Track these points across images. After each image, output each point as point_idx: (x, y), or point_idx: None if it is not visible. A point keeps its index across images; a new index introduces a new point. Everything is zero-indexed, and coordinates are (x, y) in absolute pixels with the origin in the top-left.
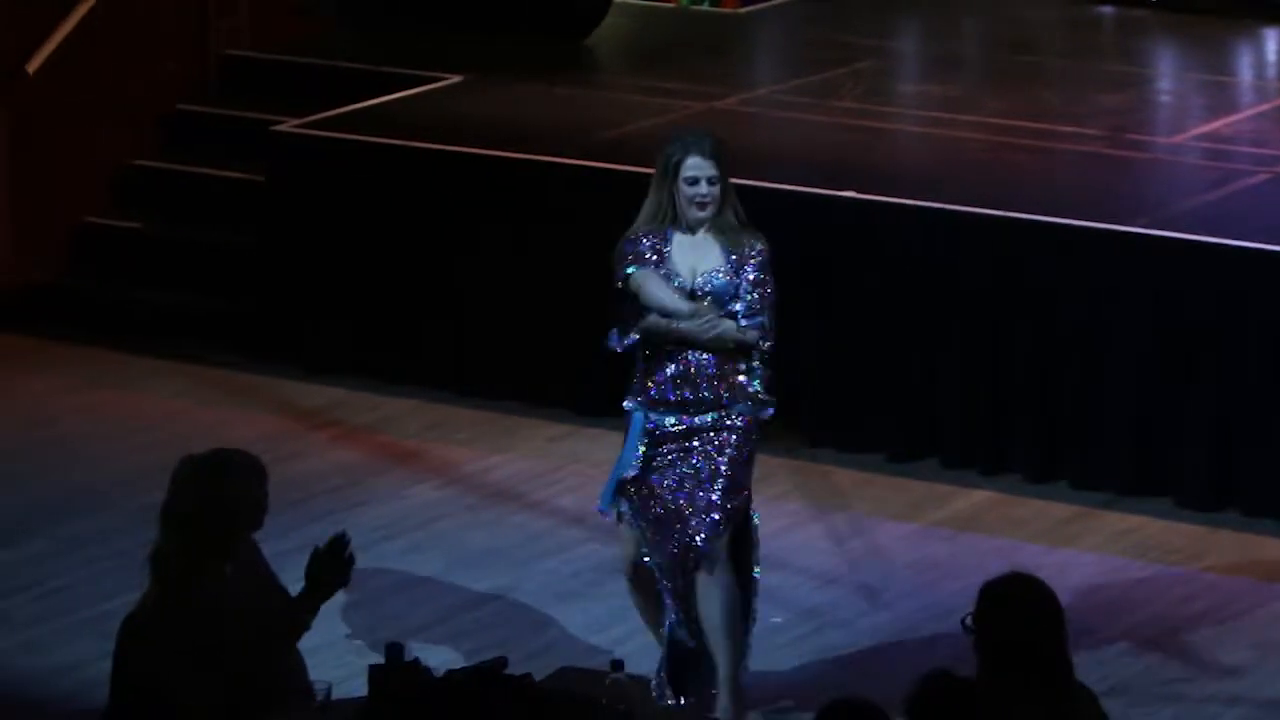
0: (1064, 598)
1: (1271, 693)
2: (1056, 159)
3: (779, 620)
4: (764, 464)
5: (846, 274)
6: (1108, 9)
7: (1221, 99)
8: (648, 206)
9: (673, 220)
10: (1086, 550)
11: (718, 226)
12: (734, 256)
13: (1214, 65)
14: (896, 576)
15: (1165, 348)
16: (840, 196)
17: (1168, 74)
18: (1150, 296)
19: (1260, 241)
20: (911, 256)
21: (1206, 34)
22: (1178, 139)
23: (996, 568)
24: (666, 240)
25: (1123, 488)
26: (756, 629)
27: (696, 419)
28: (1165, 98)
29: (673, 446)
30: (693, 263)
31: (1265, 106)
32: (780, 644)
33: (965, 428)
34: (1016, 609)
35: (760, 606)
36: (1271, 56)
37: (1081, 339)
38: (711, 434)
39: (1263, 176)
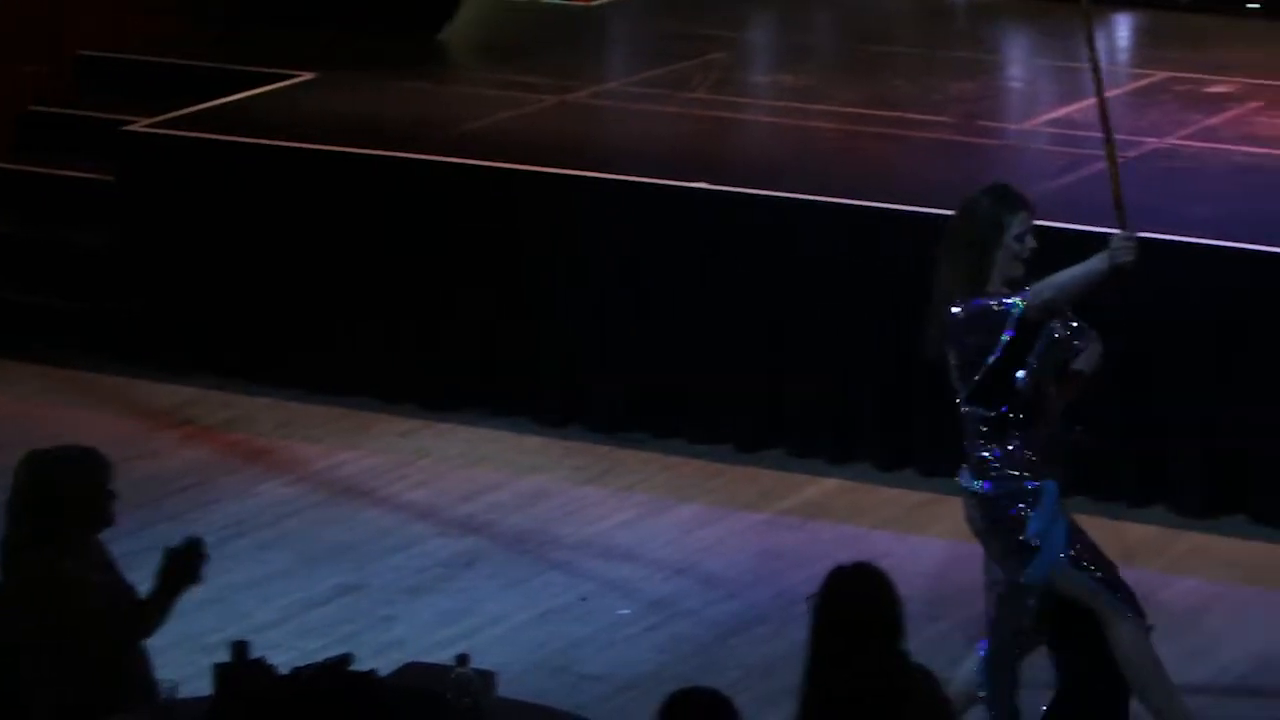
0: (913, 584)
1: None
2: (908, 147)
3: (627, 612)
4: (609, 456)
5: (697, 265)
6: None
7: (1072, 85)
8: (958, 280)
9: (984, 285)
10: (935, 537)
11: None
12: None
13: (1064, 51)
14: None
15: None
16: (692, 188)
17: (1018, 61)
18: None
19: (1111, 226)
20: (762, 246)
21: (1057, 20)
22: (1028, 125)
23: (845, 556)
24: None
25: None
26: (604, 621)
27: None
28: (1016, 84)
29: None
30: None
31: (1116, 91)
32: (628, 635)
33: (813, 416)
34: (853, 596)
35: (608, 598)
36: (1122, 42)
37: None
38: None
39: None
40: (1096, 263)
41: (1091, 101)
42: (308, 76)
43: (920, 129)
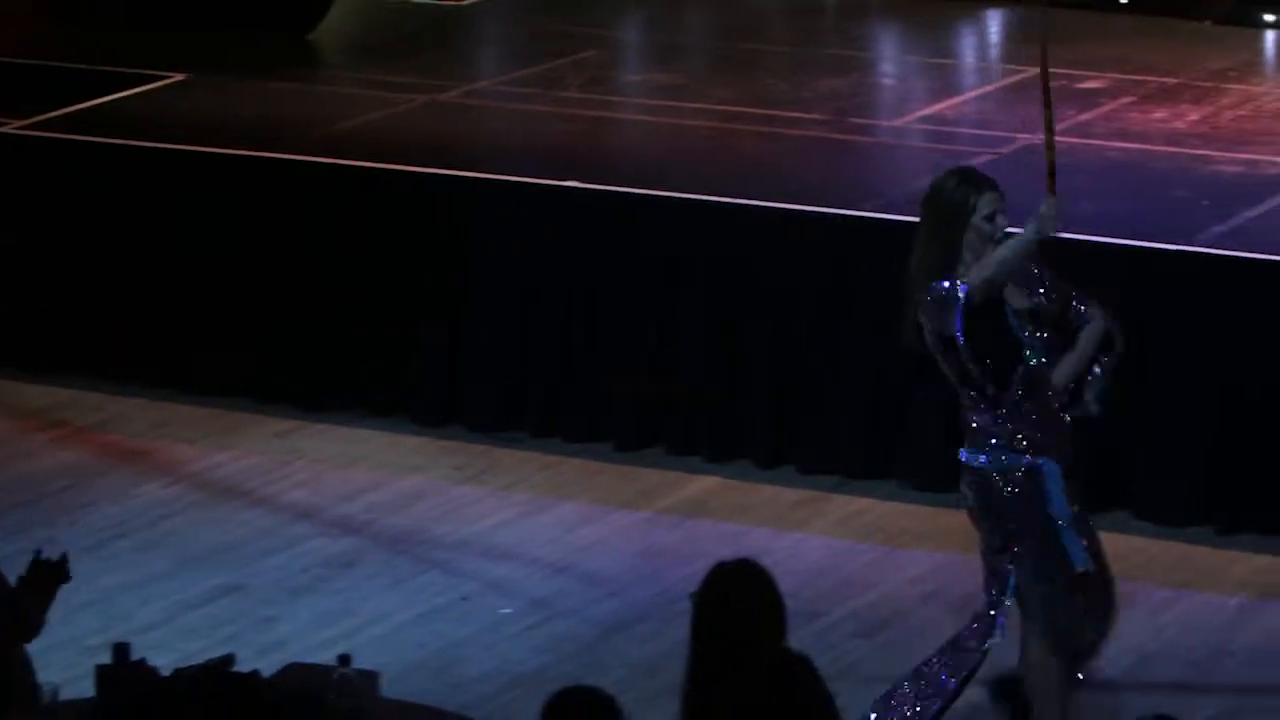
0: (793, 581)
1: (1001, 671)
2: (781, 145)
3: (508, 611)
4: (488, 455)
5: (571, 265)
6: None
7: (944, 81)
8: (928, 260)
9: (953, 269)
10: (815, 534)
11: None
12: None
13: (937, 48)
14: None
15: (892, 330)
16: (564, 186)
17: (890, 57)
18: (877, 280)
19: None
20: (637, 244)
21: (929, 17)
22: (901, 122)
23: (725, 553)
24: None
25: (851, 471)
26: (485, 621)
27: None
28: (888, 81)
29: None
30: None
31: (989, 88)
32: (510, 635)
33: (693, 415)
34: (735, 592)
35: (489, 597)
36: (994, 38)
37: (809, 323)
38: None
39: (986, 157)
40: (1027, 232)
41: (963, 97)
42: (179, 78)
43: (792, 126)
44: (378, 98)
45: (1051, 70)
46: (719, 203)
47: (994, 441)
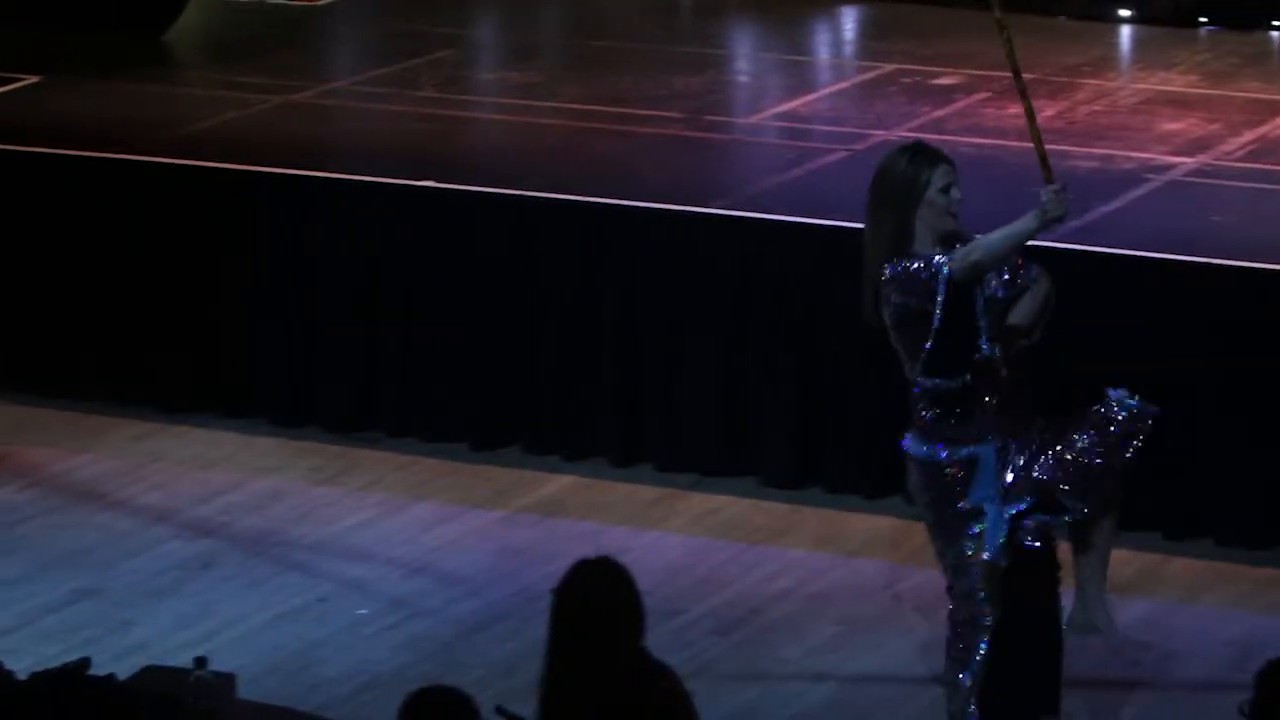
0: (650, 579)
1: (857, 668)
2: (636, 143)
3: (365, 612)
4: (344, 456)
5: (427, 263)
6: None
7: (799, 78)
8: (882, 237)
9: (907, 246)
10: (672, 532)
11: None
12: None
13: (791, 45)
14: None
15: (747, 328)
16: (419, 186)
17: (745, 55)
18: (731, 277)
19: (839, 219)
20: (492, 244)
21: (784, 14)
22: (755, 119)
23: (583, 552)
24: None
25: (707, 469)
26: (343, 622)
27: None
28: (743, 79)
29: None
30: None
31: (843, 85)
32: (367, 635)
33: (549, 414)
34: (594, 590)
35: (346, 598)
36: (848, 35)
37: (664, 322)
38: None
39: (840, 154)
40: (1028, 221)
41: (818, 94)
42: (33, 79)
43: (648, 125)
44: (232, 98)
45: (907, 67)
46: (572, 201)
47: (935, 432)
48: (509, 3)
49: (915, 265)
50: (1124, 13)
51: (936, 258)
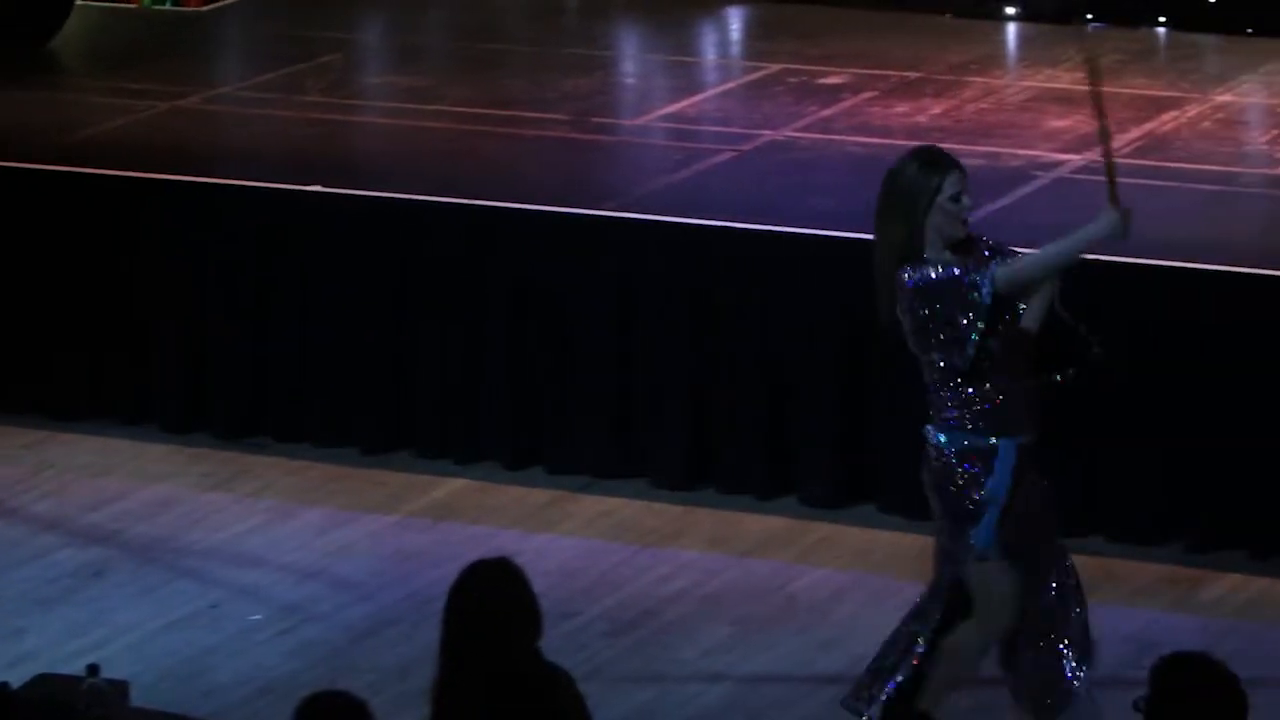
0: (543, 582)
1: (752, 668)
2: (523, 145)
3: (258, 618)
4: (235, 462)
5: (316, 267)
6: None
7: (685, 79)
8: (896, 243)
9: (918, 253)
10: (564, 534)
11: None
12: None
13: (678, 46)
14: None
15: (637, 329)
16: (306, 191)
17: (632, 56)
18: (620, 278)
19: (727, 220)
20: (381, 248)
21: (670, 15)
22: (643, 121)
23: (475, 555)
24: None
25: (599, 471)
26: (235, 628)
27: None
28: (630, 80)
29: None
30: None
31: (730, 85)
32: (260, 641)
33: (439, 418)
34: (487, 591)
35: (239, 604)
36: (735, 35)
37: (554, 324)
38: None
39: (727, 155)
40: (1083, 238)
41: (705, 95)
42: None
43: (535, 127)
44: (119, 105)
45: (793, 66)
46: (459, 204)
47: (955, 423)
48: (394, 6)
49: (946, 274)
50: (1010, 10)
51: (974, 274)
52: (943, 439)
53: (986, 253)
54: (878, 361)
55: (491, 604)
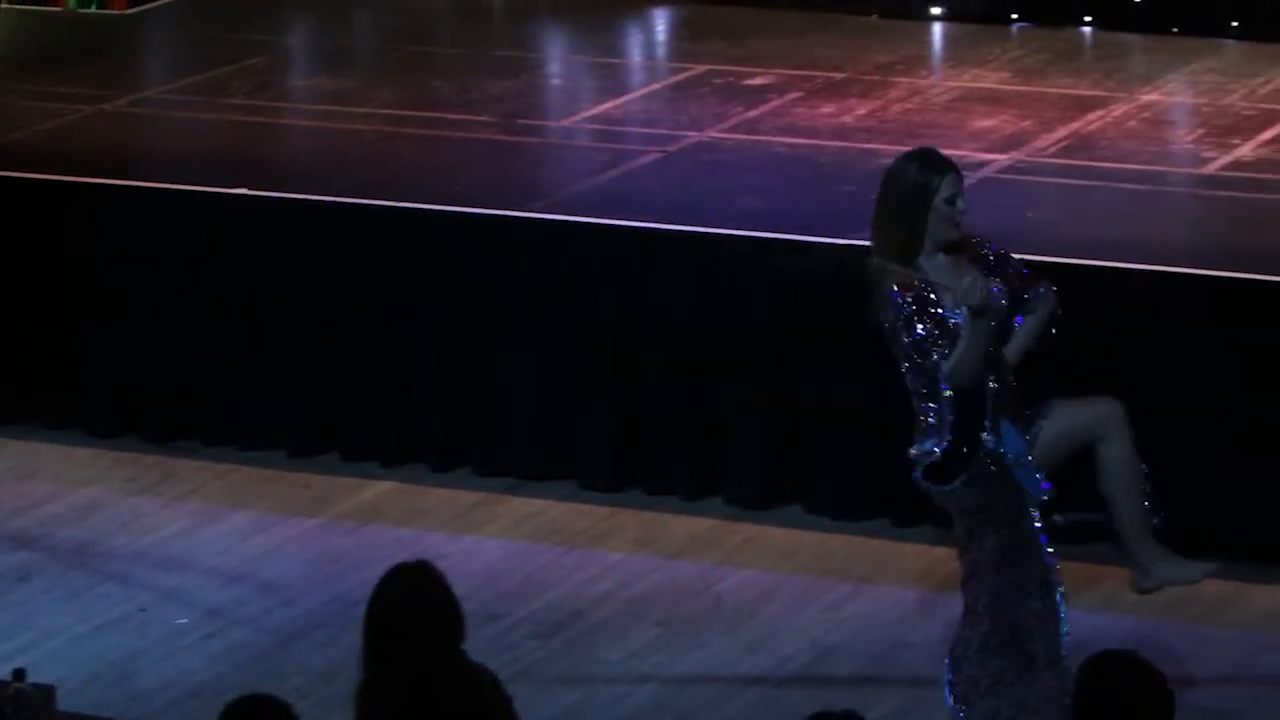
0: (469, 584)
1: (679, 670)
2: (449, 147)
3: (184, 621)
4: (161, 466)
5: (240, 271)
6: None
7: (611, 80)
8: (893, 243)
9: (918, 252)
10: (491, 536)
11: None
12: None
13: (603, 47)
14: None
15: (563, 330)
16: (232, 194)
17: (557, 58)
18: (547, 279)
19: (654, 221)
20: (307, 250)
21: (596, 16)
22: (569, 122)
23: (401, 558)
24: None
25: (525, 472)
26: (162, 632)
27: None
28: (556, 82)
29: None
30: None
31: (655, 86)
32: (185, 645)
33: (365, 420)
34: (410, 595)
35: (165, 608)
36: (660, 36)
37: (480, 325)
38: None
39: (653, 156)
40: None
41: (631, 96)
42: None
43: (461, 129)
44: (44, 108)
45: (719, 67)
46: (385, 206)
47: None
48: (320, 9)
49: (920, 332)
50: (935, 10)
51: (940, 363)
52: (936, 446)
53: (992, 259)
54: (804, 362)
55: (412, 607)
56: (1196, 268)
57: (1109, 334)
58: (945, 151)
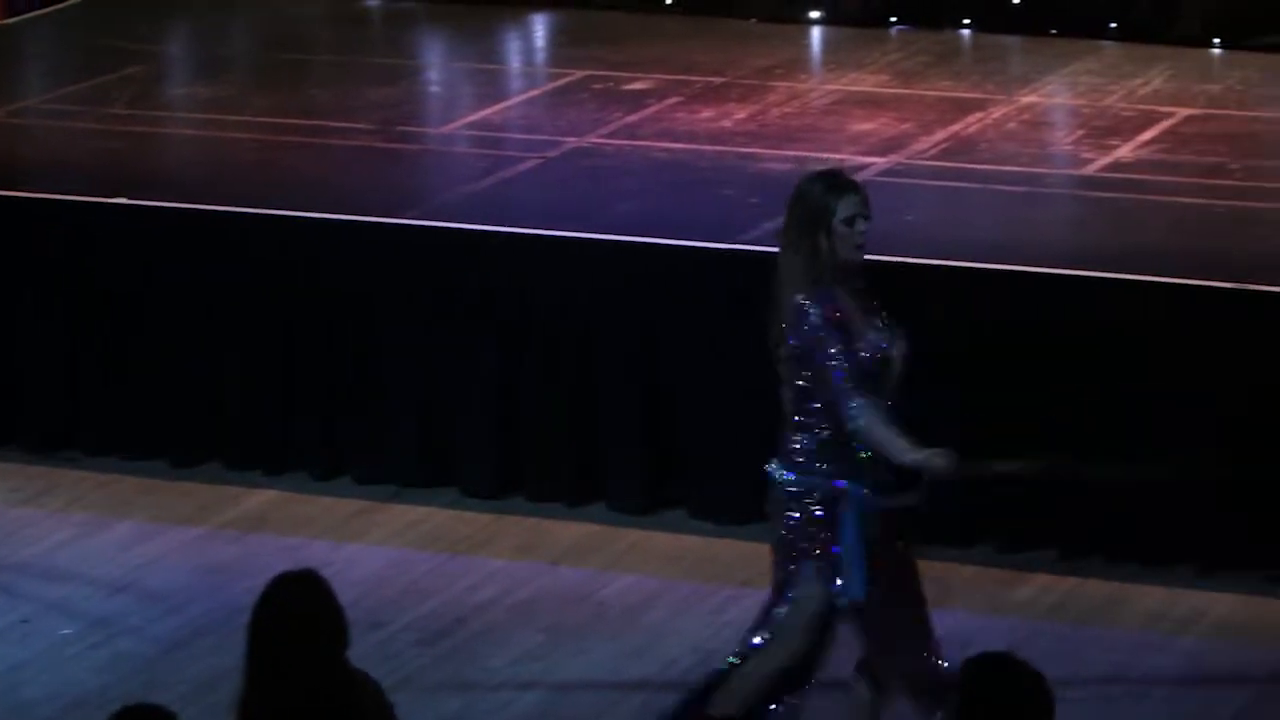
0: (353, 592)
1: (564, 676)
2: (329, 155)
3: (69, 632)
4: (45, 476)
5: (120, 280)
6: (374, 2)
7: (490, 87)
8: (798, 267)
9: (826, 276)
10: (374, 544)
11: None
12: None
13: (483, 53)
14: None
15: (444, 337)
16: (112, 203)
17: (437, 65)
18: (427, 287)
19: (532, 227)
20: (188, 259)
21: (475, 22)
22: (448, 129)
23: (285, 566)
24: (835, 298)
25: (408, 480)
26: (46, 642)
27: None
28: (435, 88)
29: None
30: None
31: (535, 92)
32: (70, 655)
33: (248, 429)
34: (293, 604)
35: (49, 619)
36: (540, 42)
37: (362, 332)
38: None
39: (533, 162)
40: (911, 456)
41: (511, 102)
42: None
43: (340, 136)
44: None
45: (598, 73)
46: (265, 214)
47: (804, 462)
48: (199, 18)
49: (828, 364)
50: (814, 14)
51: (852, 407)
52: (789, 475)
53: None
54: (686, 368)
55: (296, 616)
56: (1077, 269)
57: (989, 336)
58: (825, 156)
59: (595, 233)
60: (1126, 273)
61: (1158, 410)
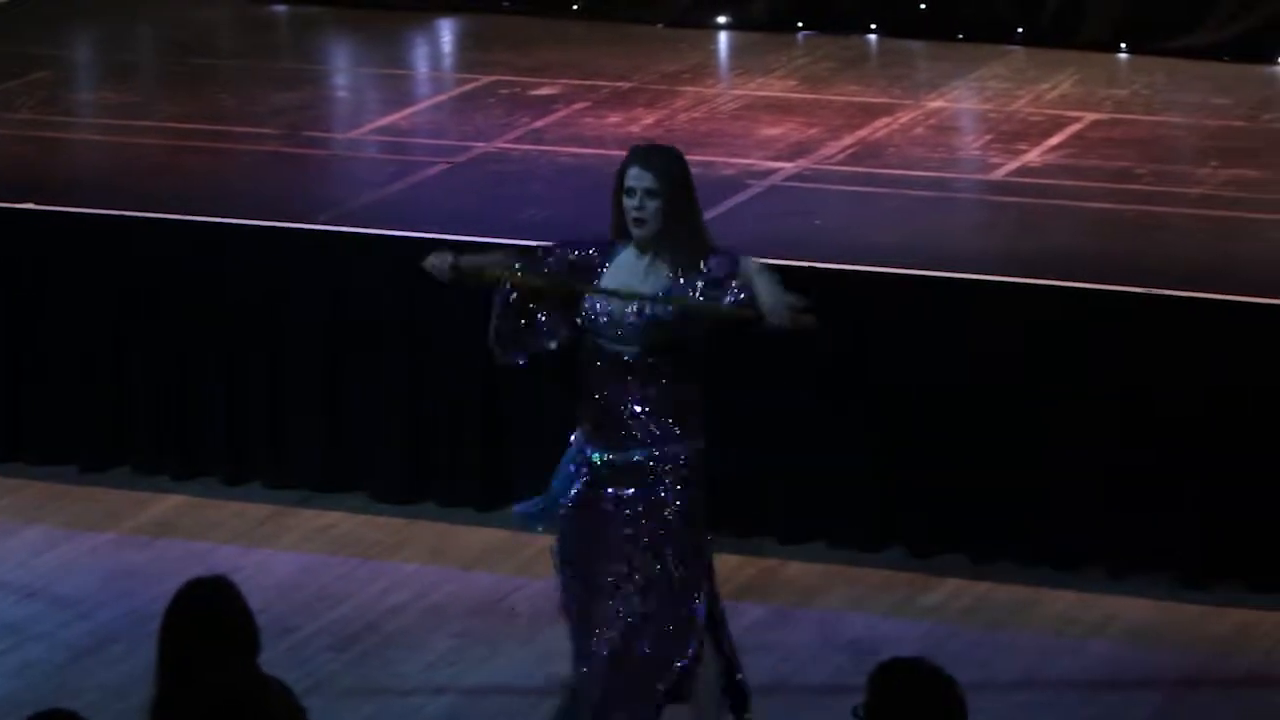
0: (264, 597)
1: (475, 680)
2: (235, 160)
3: None
4: None
5: (28, 287)
6: (281, 8)
7: (397, 92)
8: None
9: (624, 235)
10: (284, 549)
11: (669, 248)
12: (683, 280)
13: (389, 59)
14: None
15: (351, 342)
16: (18, 208)
17: (344, 70)
18: (333, 292)
19: (439, 232)
20: (94, 264)
21: (381, 27)
22: (355, 134)
23: (194, 572)
24: (608, 255)
25: (317, 484)
26: None
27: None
28: (342, 93)
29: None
30: (629, 283)
31: (442, 97)
32: None
33: (157, 433)
34: (203, 610)
35: None
36: (446, 47)
37: (268, 338)
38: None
39: (441, 166)
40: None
41: (418, 107)
42: None
43: (245, 141)
44: None
45: (505, 78)
46: (170, 219)
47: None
48: (105, 23)
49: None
50: (721, 19)
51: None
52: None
53: (708, 271)
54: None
55: (207, 621)
56: (985, 273)
57: (895, 341)
58: (732, 160)
59: (499, 238)
60: (1033, 277)
61: (1062, 412)
